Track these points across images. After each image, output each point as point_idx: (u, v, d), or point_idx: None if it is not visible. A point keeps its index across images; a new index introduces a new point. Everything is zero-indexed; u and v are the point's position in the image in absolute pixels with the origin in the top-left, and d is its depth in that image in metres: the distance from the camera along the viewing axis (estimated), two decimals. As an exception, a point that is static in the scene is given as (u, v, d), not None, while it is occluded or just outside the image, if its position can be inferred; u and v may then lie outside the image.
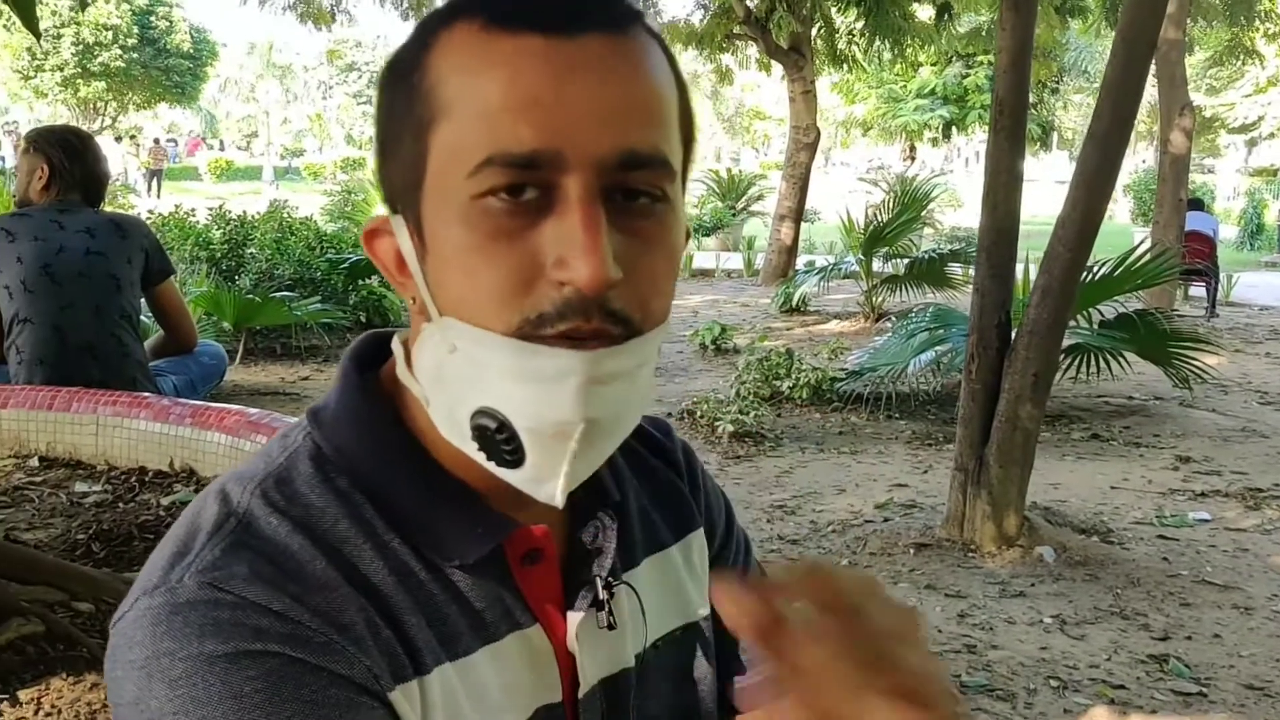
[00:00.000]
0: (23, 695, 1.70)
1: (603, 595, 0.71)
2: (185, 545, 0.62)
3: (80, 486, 2.80)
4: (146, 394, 3.12)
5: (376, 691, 0.60)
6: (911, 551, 3.45)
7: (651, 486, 0.82)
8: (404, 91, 0.63)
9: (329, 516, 0.64)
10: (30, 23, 1.74)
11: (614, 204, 0.59)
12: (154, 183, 27.16)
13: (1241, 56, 16.39)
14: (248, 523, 0.63)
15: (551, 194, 0.59)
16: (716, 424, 4.92)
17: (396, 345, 0.70)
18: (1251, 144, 34.15)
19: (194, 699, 0.56)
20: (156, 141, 31.27)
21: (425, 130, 0.61)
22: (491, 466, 0.64)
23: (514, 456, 0.62)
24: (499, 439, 0.61)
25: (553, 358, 0.59)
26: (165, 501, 2.66)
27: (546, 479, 0.63)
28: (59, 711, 1.68)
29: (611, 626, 0.72)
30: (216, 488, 0.66)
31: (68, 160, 3.21)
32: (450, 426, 0.65)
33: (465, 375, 0.62)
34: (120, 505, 2.66)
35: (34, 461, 2.98)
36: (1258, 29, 14.26)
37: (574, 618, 0.71)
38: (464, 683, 0.65)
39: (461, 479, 0.67)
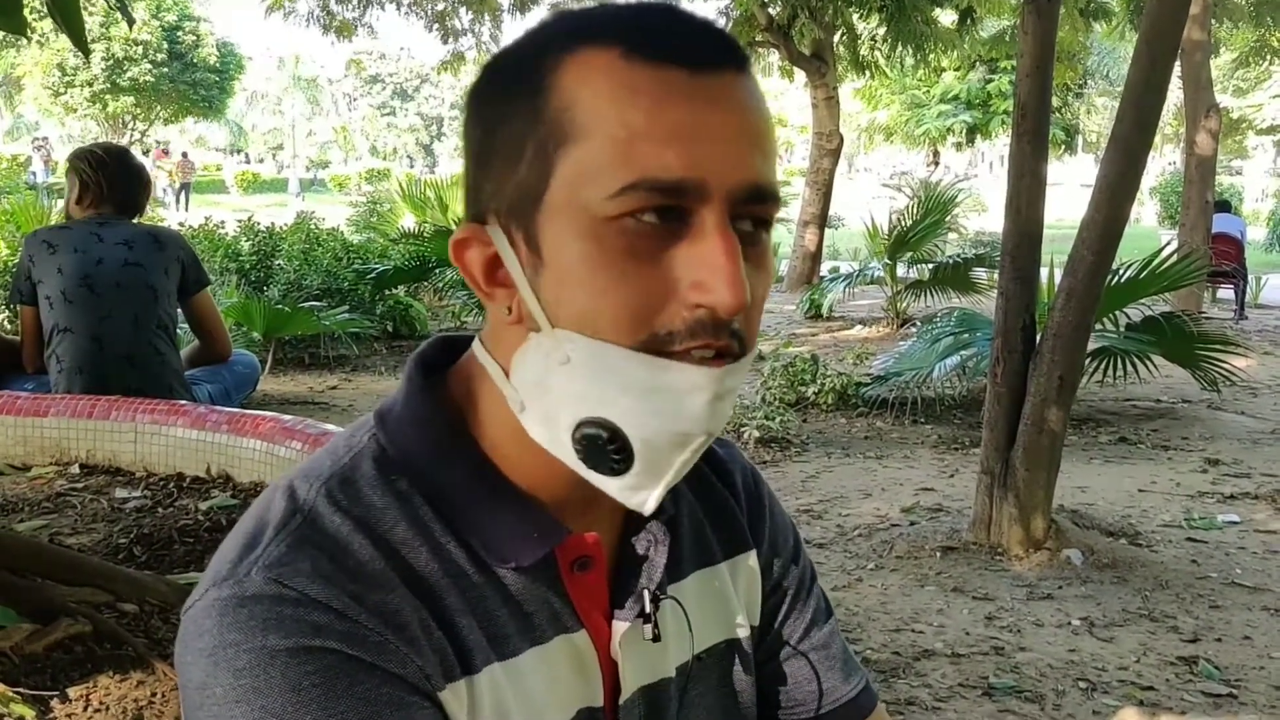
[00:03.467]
0: (72, 692, 1.75)
1: (649, 608, 0.73)
2: (253, 539, 0.65)
3: (120, 492, 2.86)
4: (183, 402, 3.18)
5: (427, 691, 0.63)
6: (938, 555, 3.45)
7: (707, 503, 0.83)
8: (523, 109, 0.64)
9: (389, 518, 0.66)
10: (80, 42, 1.80)
11: (737, 232, 0.62)
12: (183, 196, 27.47)
13: (1268, 57, 16.27)
14: (312, 520, 0.65)
15: (687, 219, 0.61)
16: (742, 430, 4.94)
17: (483, 354, 0.70)
18: (1280, 145, 33.79)
19: (256, 689, 0.59)
20: (185, 155, 31.62)
21: (553, 149, 0.62)
22: (592, 475, 0.65)
23: (621, 466, 0.64)
24: (609, 448, 0.63)
25: (685, 373, 0.61)
26: (203, 506, 2.72)
27: (645, 487, 0.65)
28: (106, 708, 1.73)
29: (656, 639, 0.73)
30: (284, 483, 0.69)
31: (96, 175, 3.30)
32: (546, 433, 0.66)
33: (577, 387, 0.63)
34: (159, 510, 2.72)
35: (75, 468, 3.05)
36: (1284, 29, 14.14)
37: (619, 626, 0.73)
38: (511, 682, 0.67)
39: (520, 484, 0.69)
